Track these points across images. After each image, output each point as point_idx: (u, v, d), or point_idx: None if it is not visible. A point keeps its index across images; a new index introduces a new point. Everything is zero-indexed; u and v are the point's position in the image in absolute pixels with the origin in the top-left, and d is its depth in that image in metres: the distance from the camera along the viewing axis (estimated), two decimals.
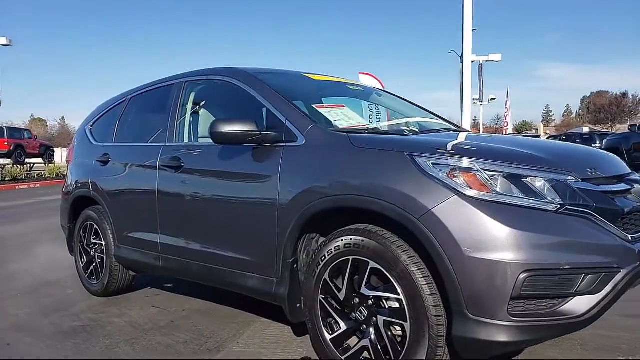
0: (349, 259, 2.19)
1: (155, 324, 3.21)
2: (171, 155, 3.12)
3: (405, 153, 2.09)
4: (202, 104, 3.29)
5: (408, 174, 2.03)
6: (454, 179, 1.95)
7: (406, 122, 3.27)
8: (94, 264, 3.92)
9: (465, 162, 1.98)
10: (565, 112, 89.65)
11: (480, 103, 30.30)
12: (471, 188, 1.92)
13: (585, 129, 38.85)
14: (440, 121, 3.45)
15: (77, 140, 4.38)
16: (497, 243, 1.83)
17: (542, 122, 77.32)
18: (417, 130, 3.02)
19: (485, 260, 1.83)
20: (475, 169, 1.96)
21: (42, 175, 19.53)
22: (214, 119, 3.08)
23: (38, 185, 17.36)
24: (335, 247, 2.23)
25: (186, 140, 3.25)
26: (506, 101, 28.47)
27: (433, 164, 2.01)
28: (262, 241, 2.53)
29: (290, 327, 2.94)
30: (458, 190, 1.92)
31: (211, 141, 2.64)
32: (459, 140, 2.60)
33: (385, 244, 2.07)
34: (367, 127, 2.84)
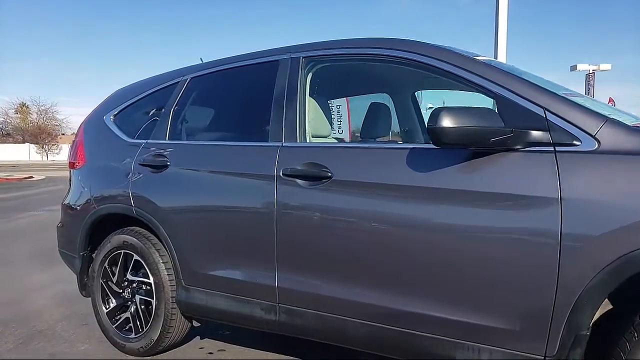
0: None
1: None
2: (304, 160, 2.12)
3: None
4: (348, 88, 2.32)
5: None
6: None
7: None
8: (131, 311, 2.77)
9: None
10: None
11: None
12: None
13: None
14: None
15: (92, 135, 3.16)
16: None
17: None
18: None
19: None
20: None
21: None
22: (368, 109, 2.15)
23: None
24: None
25: (323, 137, 2.26)
26: None
27: None
28: (522, 298, 1.65)
29: None
30: None
31: (381, 140, 1.90)
32: None
33: None
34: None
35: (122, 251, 2.80)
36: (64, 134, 55.83)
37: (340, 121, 3.56)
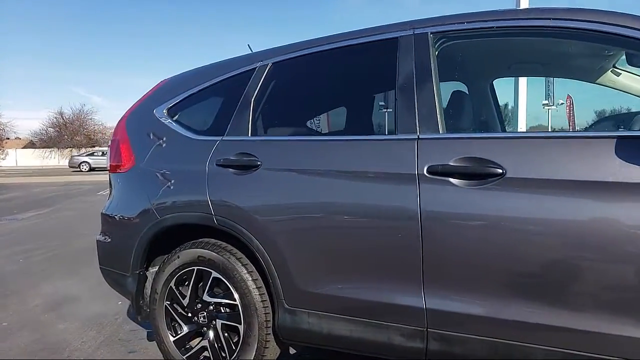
0: None
1: None
2: (459, 154, 1.78)
3: None
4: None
5: None
6: None
7: None
8: (209, 339, 2.34)
9: None
10: None
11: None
12: None
13: None
14: None
15: (139, 132, 2.68)
16: None
17: None
18: None
19: None
20: None
21: None
22: None
23: None
24: None
25: (463, 128, 1.90)
26: None
27: None
28: None
29: None
30: None
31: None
32: None
33: None
34: None
35: (196, 268, 2.36)
36: (8, 138, 52.58)
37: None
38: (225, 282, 2.27)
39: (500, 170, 1.70)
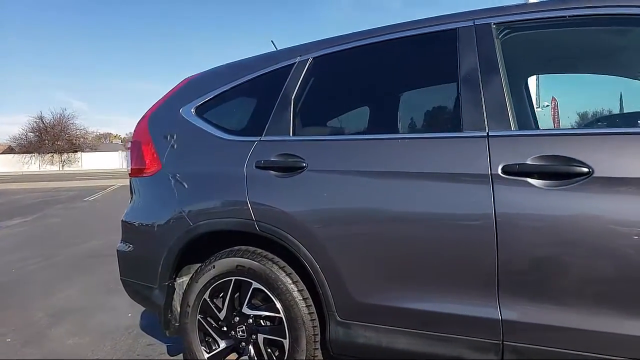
0: None
1: None
2: (538, 152, 1.65)
3: None
4: None
5: None
6: None
7: None
8: (250, 354, 2.17)
9: None
10: None
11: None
12: None
13: None
14: None
15: (165, 133, 2.50)
16: None
17: None
18: None
19: None
20: None
21: None
22: None
23: None
24: None
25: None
26: None
27: None
28: None
29: None
30: None
31: None
32: None
33: None
34: None
35: (234, 278, 2.19)
36: None
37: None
38: (268, 293, 2.11)
39: (587, 170, 1.57)
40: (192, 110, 2.47)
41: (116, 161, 49.53)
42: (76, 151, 49.11)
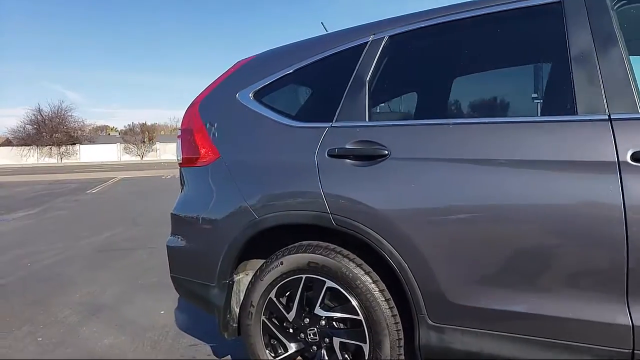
0: None
1: None
2: None
3: None
4: None
5: None
6: None
7: None
8: None
9: None
10: None
11: None
12: None
13: None
14: None
15: (221, 120, 2.31)
16: None
17: None
18: None
19: None
20: None
21: None
22: None
23: None
24: None
25: None
26: None
27: None
28: None
29: None
30: None
31: None
32: None
33: None
34: None
35: (304, 276, 2.01)
36: None
37: None
38: (344, 293, 1.93)
39: None
40: (250, 95, 2.28)
41: (114, 154, 49.18)
42: (74, 143, 48.65)
